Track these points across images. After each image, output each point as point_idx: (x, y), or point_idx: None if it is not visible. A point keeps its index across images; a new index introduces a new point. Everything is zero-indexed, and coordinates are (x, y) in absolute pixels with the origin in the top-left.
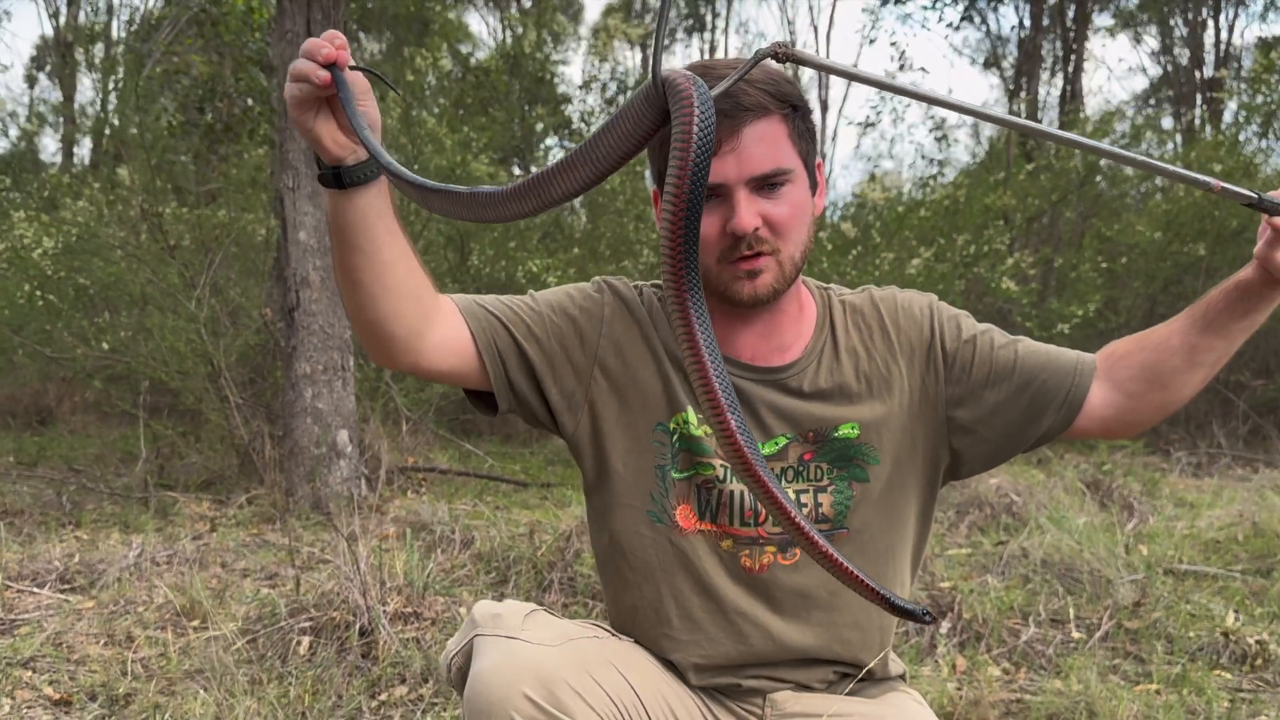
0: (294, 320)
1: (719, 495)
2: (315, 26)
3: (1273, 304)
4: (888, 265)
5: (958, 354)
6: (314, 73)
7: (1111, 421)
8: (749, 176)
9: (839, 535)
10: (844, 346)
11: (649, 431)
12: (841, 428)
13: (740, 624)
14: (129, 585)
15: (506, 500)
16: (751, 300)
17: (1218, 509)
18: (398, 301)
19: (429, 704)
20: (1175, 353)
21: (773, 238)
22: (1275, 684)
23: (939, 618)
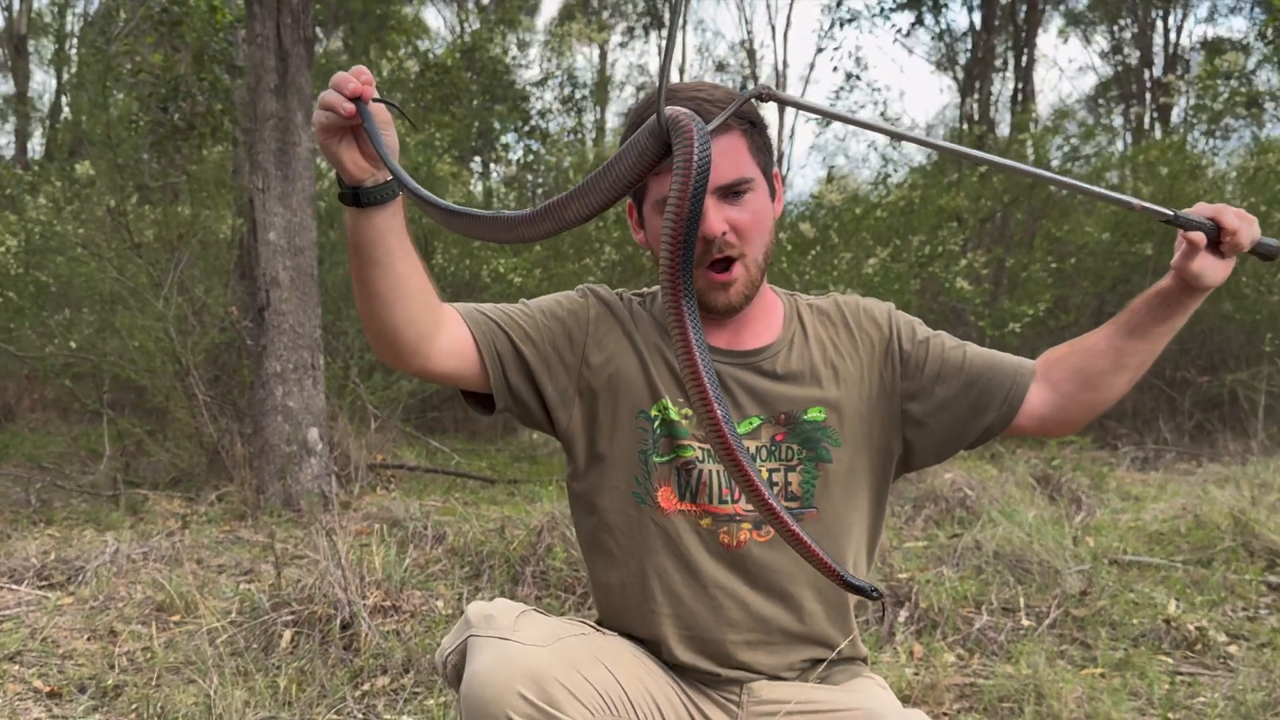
0: (264, 319)
1: (698, 476)
2: (285, 30)
3: (1189, 310)
4: (845, 265)
5: (912, 353)
6: (340, 104)
7: (1048, 420)
8: (716, 186)
9: (808, 514)
10: (812, 336)
11: (632, 419)
12: (810, 411)
13: (718, 596)
14: (107, 581)
15: (474, 496)
16: (726, 309)
17: (1162, 502)
18: (409, 309)
19: (410, 693)
20: (1103, 356)
21: (739, 242)
22: (1213, 668)
23: (896, 603)
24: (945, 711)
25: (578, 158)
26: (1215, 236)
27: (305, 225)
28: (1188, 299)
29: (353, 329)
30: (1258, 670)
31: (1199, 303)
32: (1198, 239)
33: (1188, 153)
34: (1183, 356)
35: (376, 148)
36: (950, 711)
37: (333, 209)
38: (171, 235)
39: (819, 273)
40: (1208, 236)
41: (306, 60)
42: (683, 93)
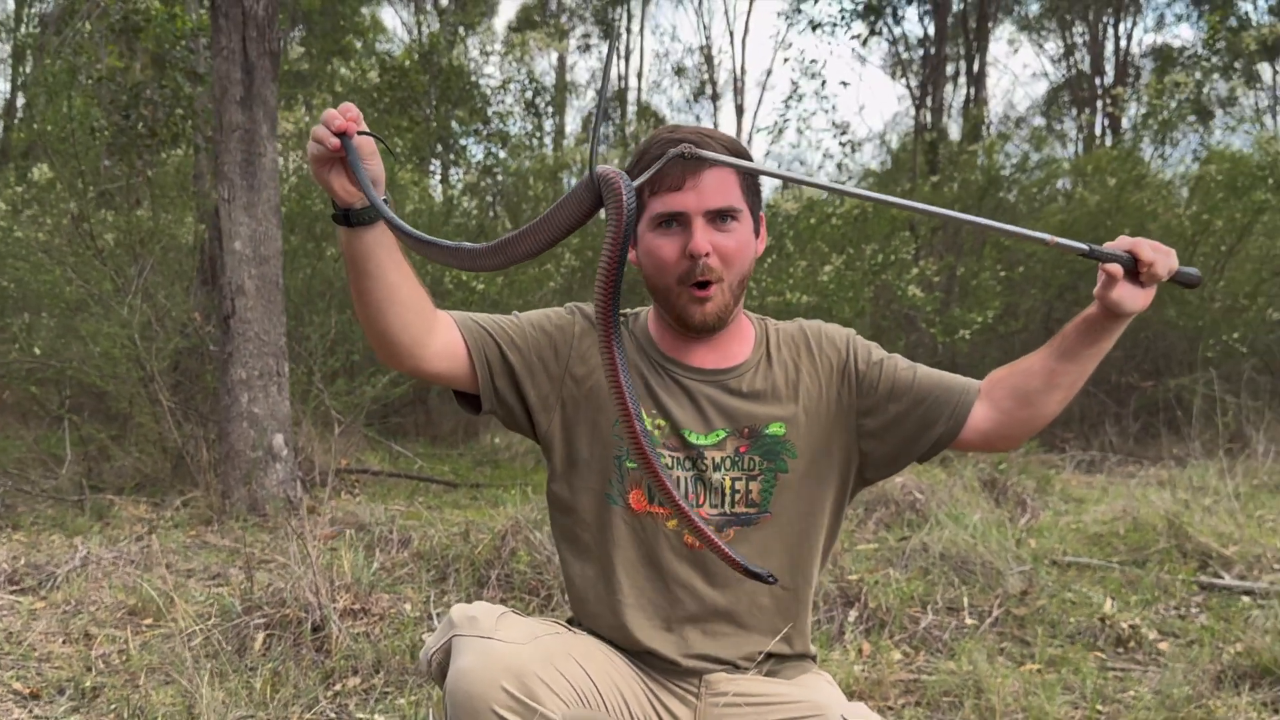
0: (229, 327)
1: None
2: (250, 43)
3: (1114, 335)
4: (801, 272)
5: (867, 373)
6: (327, 139)
7: (990, 435)
8: (706, 209)
9: (764, 518)
10: (776, 359)
11: (609, 428)
12: (771, 426)
13: (677, 591)
14: (78, 586)
15: (438, 500)
16: (702, 324)
17: (1103, 505)
18: (402, 315)
19: (381, 693)
20: (1037, 376)
21: (720, 266)
22: (1145, 664)
23: (846, 603)
24: (890, 706)
25: (536, 163)
26: (1133, 267)
27: (270, 234)
28: (1112, 325)
29: (315, 334)
30: (1185, 665)
31: (1123, 327)
32: (1115, 270)
33: (1135, 161)
34: (1128, 362)
35: (358, 178)
36: (895, 706)
37: (293, 215)
38: (133, 241)
39: (775, 280)
40: (1125, 268)
41: (272, 72)
42: (659, 131)
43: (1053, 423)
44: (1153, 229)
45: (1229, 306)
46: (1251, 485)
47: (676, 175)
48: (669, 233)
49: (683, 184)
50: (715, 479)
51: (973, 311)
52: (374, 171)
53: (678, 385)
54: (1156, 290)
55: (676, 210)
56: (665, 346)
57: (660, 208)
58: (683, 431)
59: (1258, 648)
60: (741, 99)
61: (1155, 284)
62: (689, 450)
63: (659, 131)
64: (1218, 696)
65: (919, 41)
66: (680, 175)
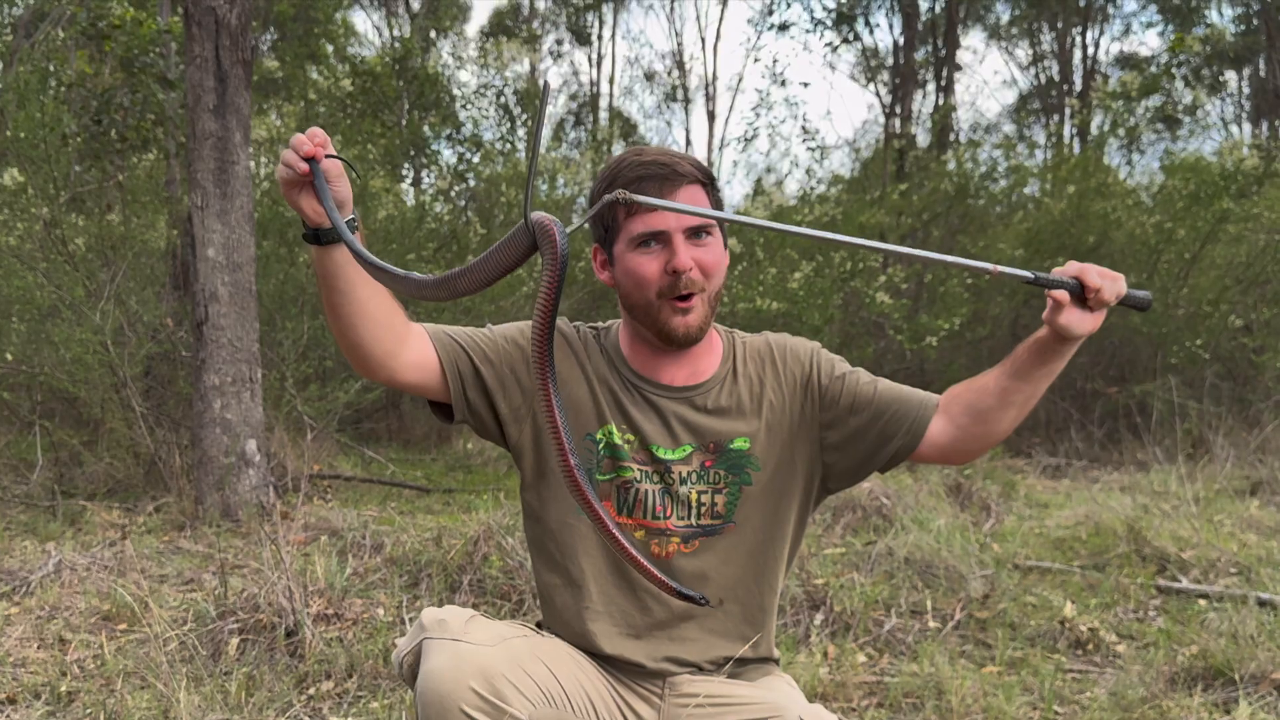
0: (203, 334)
1: (635, 494)
2: (223, 52)
3: (1065, 357)
4: (771, 279)
5: (830, 387)
6: (296, 164)
7: (946, 449)
8: (685, 226)
9: (728, 528)
10: (742, 374)
11: (580, 440)
12: (735, 441)
13: (645, 599)
14: (52, 591)
15: (410, 506)
16: (685, 336)
17: (1066, 510)
18: (373, 329)
19: (355, 697)
20: (991, 394)
21: (702, 278)
22: (1102, 665)
23: (812, 607)
24: (854, 707)
25: (508, 169)
26: (1080, 293)
27: (244, 242)
28: (1062, 347)
29: (288, 340)
30: (1141, 667)
31: (1074, 349)
32: (1061, 297)
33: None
34: (1093, 368)
35: (323, 203)
36: (858, 707)
37: (265, 221)
38: (105, 246)
39: (746, 287)
40: (1072, 293)
41: (245, 81)
42: (629, 152)
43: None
44: (1117, 236)
45: (1192, 313)
46: (1212, 490)
47: (653, 194)
48: (650, 251)
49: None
50: (682, 492)
51: (940, 318)
52: (341, 193)
53: (646, 402)
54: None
55: (657, 229)
56: (636, 364)
57: (641, 228)
58: (651, 446)
59: (1211, 650)
60: (713, 105)
61: (1104, 309)
62: (657, 464)
63: (626, 153)
64: (1171, 697)
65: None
66: (657, 193)
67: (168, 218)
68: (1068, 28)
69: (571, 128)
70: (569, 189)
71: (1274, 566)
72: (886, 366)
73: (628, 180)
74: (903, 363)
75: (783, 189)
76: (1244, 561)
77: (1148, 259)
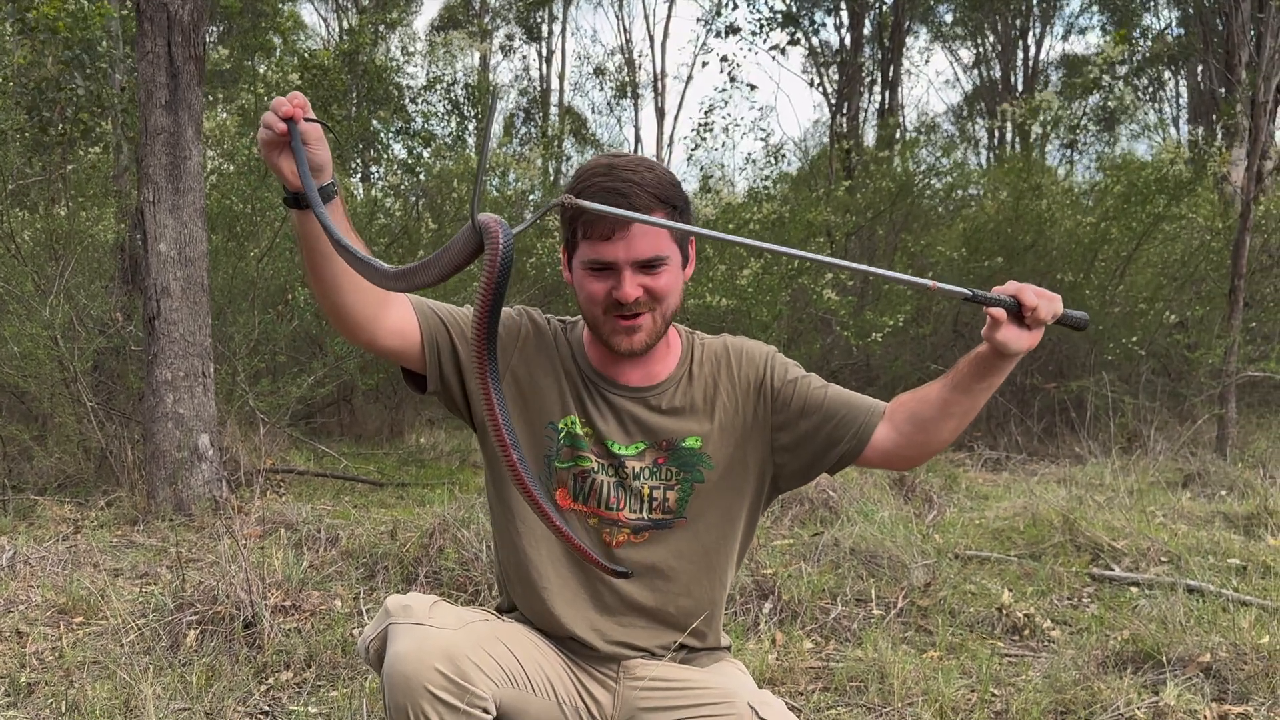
0: (154, 328)
1: (591, 483)
2: (176, 48)
3: (1004, 372)
4: (720, 276)
5: (782, 391)
6: (274, 124)
7: (890, 455)
8: (634, 260)
9: (678, 523)
10: (697, 376)
11: (543, 428)
12: (687, 439)
13: (597, 584)
14: (7, 586)
15: (364, 500)
16: (628, 352)
17: (1005, 501)
18: (354, 295)
19: (314, 686)
20: (933, 405)
21: (650, 300)
22: (1038, 650)
23: (760, 596)
24: (801, 691)
25: (459, 165)
26: (1017, 311)
27: (196, 237)
28: (1001, 363)
29: (239, 335)
30: (1074, 651)
31: (1012, 365)
32: (998, 315)
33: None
34: (1032, 363)
35: (298, 166)
36: (806, 691)
37: (214, 215)
38: (52, 240)
39: (696, 284)
40: (1009, 311)
41: (197, 77)
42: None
43: None
44: (1053, 235)
45: (1128, 311)
46: (1146, 483)
47: (606, 225)
48: (599, 275)
49: (612, 234)
50: (635, 486)
51: (885, 315)
52: (319, 157)
53: (604, 400)
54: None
55: (606, 260)
56: (596, 362)
57: (590, 254)
58: (606, 441)
59: (1142, 634)
60: (662, 101)
61: (1041, 327)
62: (612, 459)
63: (597, 165)
64: (1102, 679)
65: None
66: (610, 225)
67: (116, 211)
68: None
69: (522, 123)
70: (520, 183)
71: (1203, 555)
72: (833, 361)
73: (586, 198)
74: (849, 358)
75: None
76: (1174, 550)
77: (1084, 258)
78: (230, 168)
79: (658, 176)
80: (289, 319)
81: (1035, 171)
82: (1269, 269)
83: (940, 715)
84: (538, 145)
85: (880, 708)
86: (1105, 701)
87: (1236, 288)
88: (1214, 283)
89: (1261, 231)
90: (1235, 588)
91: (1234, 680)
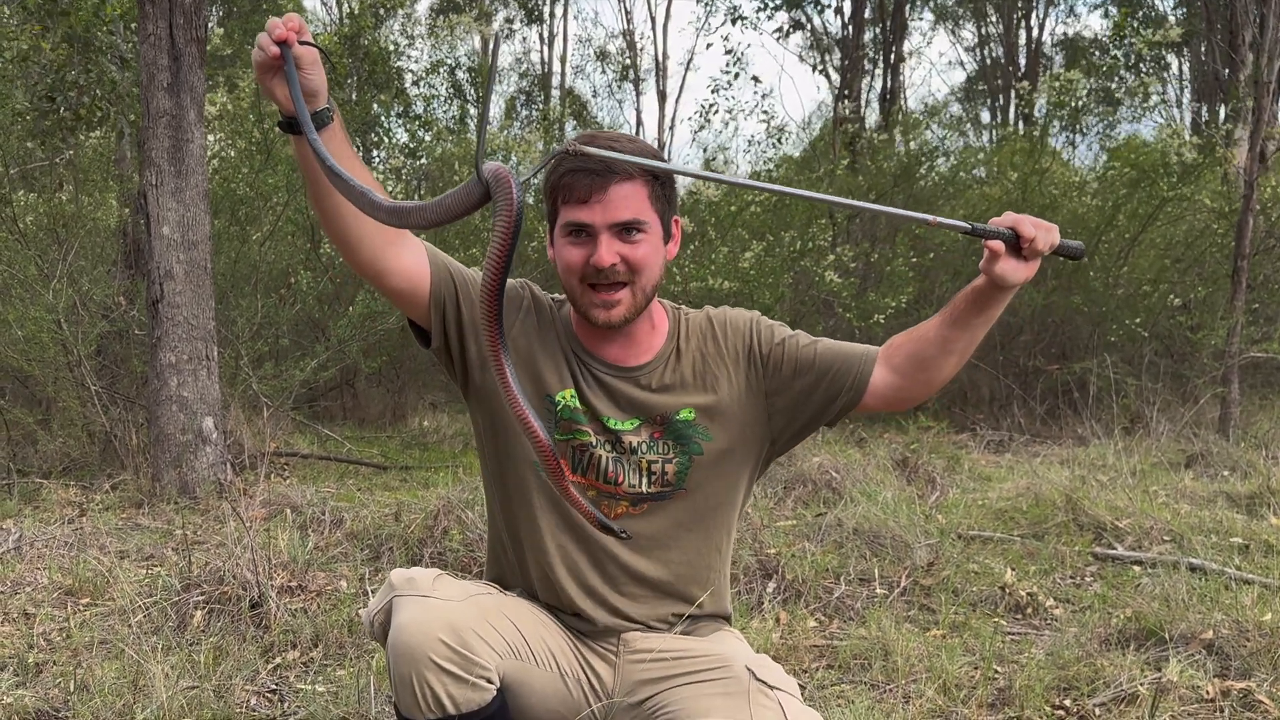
0: (158, 312)
1: (589, 457)
2: (177, 30)
3: (1001, 304)
4: (722, 258)
5: (771, 354)
6: (268, 46)
7: (890, 398)
8: (611, 222)
9: (678, 494)
10: (685, 352)
11: (540, 401)
12: (681, 412)
13: (599, 555)
14: (13, 567)
15: (368, 483)
16: (605, 325)
17: (1008, 482)
18: (358, 226)
19: (320, 665)
20: (932, 343)
21: (628, 272)
22: (1040, 628)
23: (764, 575)
24: (805, 668)
25: (460, 148)
26: (1015, 242)
27: (199, 220)
28: (999, 295)
29: (242, 319)
30: (1077, 629)
31: (1009, 298)
32: (997, 247)
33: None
34: (1035, 345)
35: (290, 90)
36: (809, 668)
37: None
38: (56, 224)
39: (698, 266)
40: (1007, 243)
41: (199, 59)
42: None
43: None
44: (1058, 219)
45: (1132, 293)
46: (1149, 463)
47: (583, 188)
48: (577, 241)
49: (589, 197)
50: (634, 460)
51: (887, 297)
52: (314, 82)
53: (595, 378)
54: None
55: (583, 222)
56: (584, 339)
57: (568, 217)
58: (602, 418)
59: (1144, 612)
60: (664, 84)
61: (1038, 257)
62: (608, 434)
63: (581, 136)
64: (1105, 656)
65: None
66: (587, 188)
67: (118, 196)
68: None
69: (523, 106)
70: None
71: (1205, 534)
72: None
73: (565, 171)
74: (851, 340)
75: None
76: (1177, 530)
77: (1090, 240)
78: (231, 153)
79: (639, 145)
80: (291, 303)
81: (1041, 154)
82: (1272, 250)
83: (943, 691)
84: (539, 128)
85: (884, 685)
86: (1108, 678)
87: (1240, 269)
88: (1217, 264)
89: (1266, 213)
90: (1238, 566)
91: (1236, 656)
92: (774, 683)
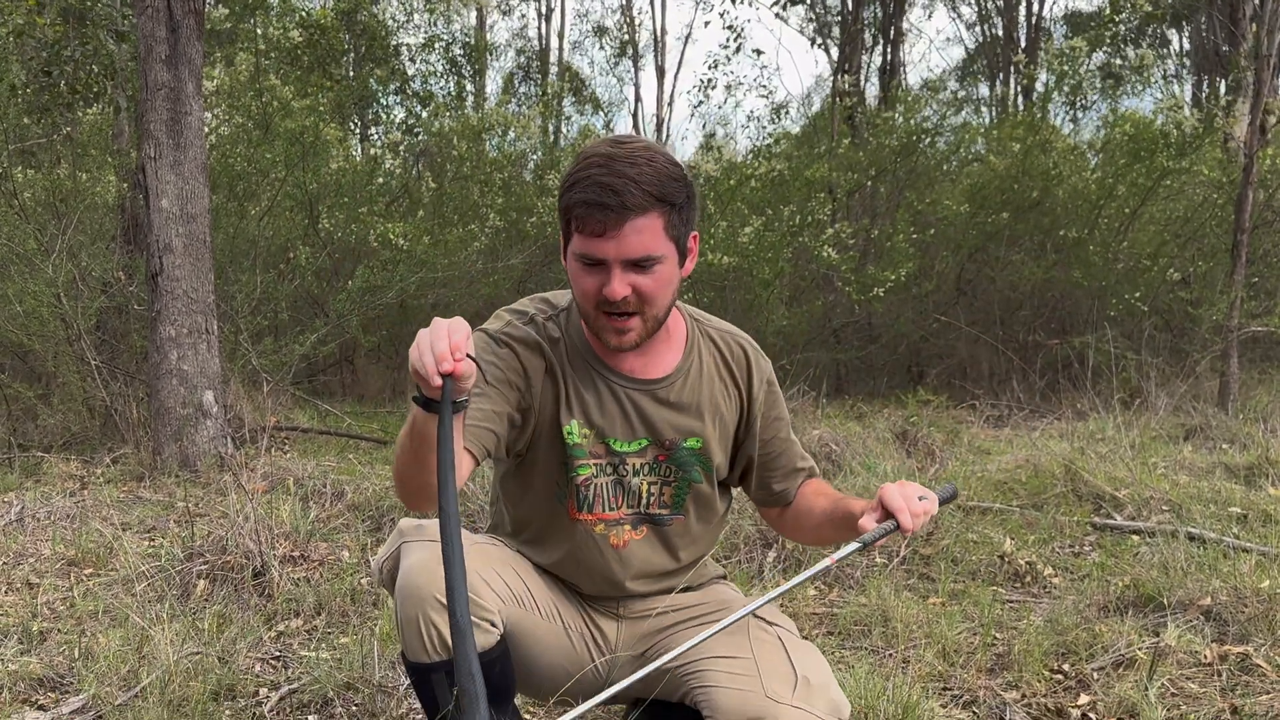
0: (158, 285)
1: (593, 490)
2: (175, 2)
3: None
4: (722, 234)
5: (761, 417)
6: (431, 378)
7: (772, 520)
8: (624, 258)
9: (675, 519)
10: (705, 371)
11: (561, 446)
12: (689, 440)
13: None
14: (15, 539)
15: (368, 457)
16: (616, 348)
17: (1007, 455)
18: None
19: (323, 633)
20: (811, 518)
21: (639, 302)
22: (1039, 596)
23: (765, 545)
24: (805, 635)
25: (459, 123)
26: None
27: (198, 193)
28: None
29: (241, 294)
30: (1076, 596)
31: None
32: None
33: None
34: (1035, 320)
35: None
36: (810, 635)
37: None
38: (54, 199)
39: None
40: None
41: (197, 31)
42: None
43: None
44: (1059, 192)
45: (1131, 267)
46: (1149, 436)
47: (597, 223)
48: (590, 270)
49: (604, 231)
50: (634, 483)
51: (887, 271)
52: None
53: (609, 391)
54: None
55: (597, 257)
56: (599, 352)
57: (582, 248)
58: (608, 440)
59: (1143, 580)
60: (662, 60)
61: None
62: (612, 457)
63: (591, 160)
64: (1104, 621)
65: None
66: (601, 224)
67: (117, 171)
68: None
69: (520, 82)
70: (519, 143)
71: (1204, 504)
72: (835, 320)
73: (578, 202)
74: (851, 316)
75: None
76: (1175, 500)
77: (1089, 214)
78: (225, 130)
79: (657, 170)
80: (290, 278)
81: (1043, 128)
82: (1271, 224)
83: (942, 656)
84: (537, 105)
85: (884, 650)
86: (1106, 643)
87: (1239, 243)
88: (1217, 239)
89: (1266, 186)
90: (1236, 535)
91: (1234, 622)
92: (772, 619)
